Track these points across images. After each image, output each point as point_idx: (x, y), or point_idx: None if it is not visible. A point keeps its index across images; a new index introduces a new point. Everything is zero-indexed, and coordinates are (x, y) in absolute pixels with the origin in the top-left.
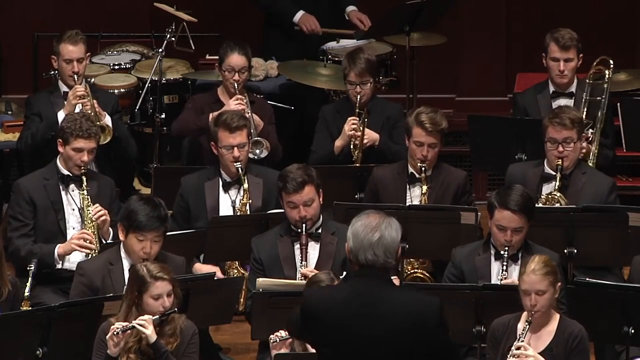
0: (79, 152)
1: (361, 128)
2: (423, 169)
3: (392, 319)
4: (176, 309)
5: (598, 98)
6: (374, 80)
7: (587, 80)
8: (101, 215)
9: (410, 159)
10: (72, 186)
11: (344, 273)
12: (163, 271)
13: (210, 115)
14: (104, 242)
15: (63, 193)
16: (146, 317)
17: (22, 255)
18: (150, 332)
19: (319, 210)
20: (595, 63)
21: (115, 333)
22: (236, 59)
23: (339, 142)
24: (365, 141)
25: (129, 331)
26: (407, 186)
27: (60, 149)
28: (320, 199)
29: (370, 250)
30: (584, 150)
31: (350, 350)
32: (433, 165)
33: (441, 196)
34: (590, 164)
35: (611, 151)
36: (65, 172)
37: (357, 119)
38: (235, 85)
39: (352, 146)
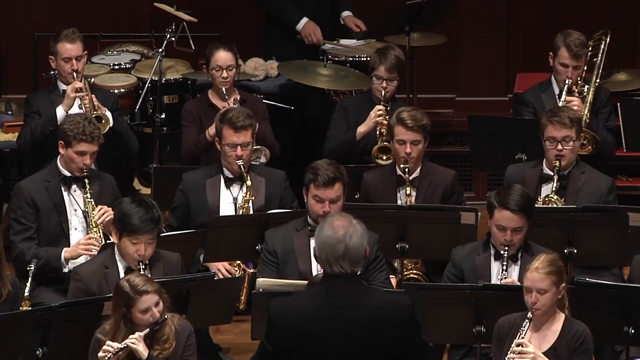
0: (82, 156)
1: (387, 117)
2: (407, 169)
3: (365, 321)
4: (165, 317)
5: (595, 60)
6: (400, 79)
7: (589, 49)
8: (106, 217)
9: (397, 162)
10: (74, 187)
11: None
12: (147, 284)
13: (207, 133)
14: (111, 239)
15: (65, 194)
16: (135, 334)
17: (28, 259)
18: (141, 348)
19: (341, 208)
20: (595, 35)
21: (107, 358)
22: (222, 55)
23: (362, 128)
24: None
25: (120, 352)
26: (397, 189)
27: (61, 150)
28: (344, 198)
29: (337, 265)
30: (576, 100)
31: (325, 355)
32: (420, 166)
33: (429, 197)
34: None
35: (609, 135)
36: (67, 173)
37: (384, 107)
38: (224, 86)
39: (377, 134)
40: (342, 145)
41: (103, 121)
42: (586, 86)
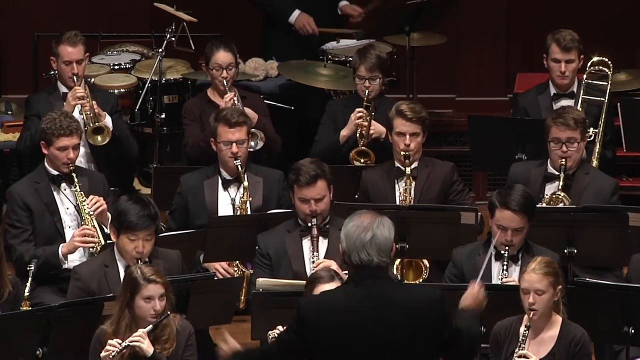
0: (64, 150)
1: (368, 119)
2: (407, 154)
3: (402, 318)
4: (169, 313)
5: (599, 98)
6: (383, 77)
7: (584, 80)
8: (98, 207)
9: (396, 154)
10: (63, 185)
11: None
12: (156, 274)
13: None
14: (105, 230)
15: (55, 194)
16: (139, 331)
17: (27, 260)
18: (146, 346)
19: (329, 207)
20: (591, 63)
21: (111, 357)
22: (222, 56)
23: (344, 132)
24: (371, 132)
25: (123, 350)
26: (395, 181)
27: (44, 151)
28: (331, 195)
29: (364, 251)
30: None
31: (362, 354)
32: (419, 159)
33: (428, 188)
34: (594, 165)
35: (610, 151)
36: (55, 173)
37: (365, 110)
38: (225, 82)
39: (357, 135)
40: (327, 150)
41: (104, 132)
42: (592, 129)
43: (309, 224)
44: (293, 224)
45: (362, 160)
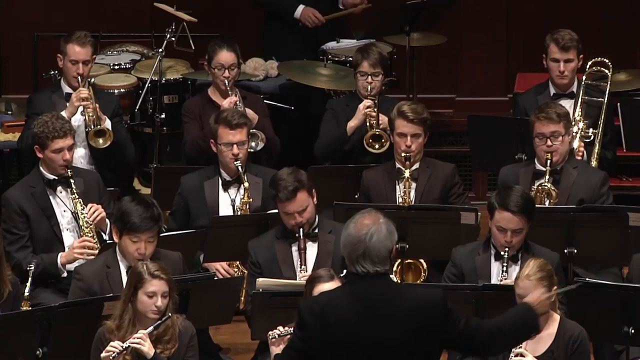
0: (60, 152)
1: (375, 109)
2: (408, 155)
3: (402, 318)
4: (169, 315)
5: (599, 99)
6: (384, 75)
7: (584, 81)
8: (97, 215)
9: (397, 155)
10: (59, 189)
11: (344, 271)
12: (162, 271)
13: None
14: (103, 236)
15: (51, 198)
16: (140, 333)
17: (25, 268)
18: (147, 348)
19: (314, 213)
20: (591, 64)
21: (111, 358)
22: (225, 55)
23: (352, 122)
24: (380, 122)
25: (124, 351)
26: (396, 182)
27: (39, 155)
28: (314, 200)
29: (358, 264)
30: (581, 149)
31: (366, 355)
32: (420, 160)
33: (429, 190)
34: (594, 164)
35: (610, 152)
36: (50, 177)
37: (372, 101)
38: (226, 82)
39: (367, 125)
40: (333, 142)
41: (106, 135)
42: (592, 130)
43: (296, 235)
44: (281, 230)
45: (376, 146)
